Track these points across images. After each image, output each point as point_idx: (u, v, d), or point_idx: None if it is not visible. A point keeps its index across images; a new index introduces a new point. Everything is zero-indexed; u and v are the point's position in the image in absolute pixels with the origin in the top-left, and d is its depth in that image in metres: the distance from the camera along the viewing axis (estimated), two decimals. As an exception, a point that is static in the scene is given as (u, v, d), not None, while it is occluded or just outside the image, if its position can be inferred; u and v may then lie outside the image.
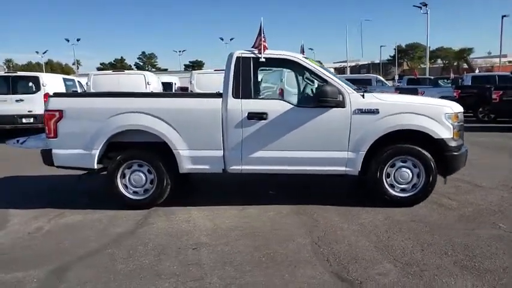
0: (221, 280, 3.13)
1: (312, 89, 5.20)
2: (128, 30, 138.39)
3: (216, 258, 3.53)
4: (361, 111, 4.65)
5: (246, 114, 4.70)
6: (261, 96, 5.07)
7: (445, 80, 19.93)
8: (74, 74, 43.72)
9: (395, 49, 63.59)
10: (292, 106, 4.72)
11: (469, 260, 3.36)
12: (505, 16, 37.59)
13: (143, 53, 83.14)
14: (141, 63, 79.11)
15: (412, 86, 19.16)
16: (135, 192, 4.97)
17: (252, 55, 4.86)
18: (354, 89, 4.80)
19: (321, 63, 5.39)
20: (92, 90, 12.08)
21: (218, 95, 4.93)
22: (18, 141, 5.43)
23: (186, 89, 22.46)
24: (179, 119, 4.77)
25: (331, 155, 4.74)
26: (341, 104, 4.63)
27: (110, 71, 13.80)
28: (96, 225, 4.46)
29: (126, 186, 4.96)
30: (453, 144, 4.71)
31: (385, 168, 4.73)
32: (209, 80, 12.30)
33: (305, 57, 5.02)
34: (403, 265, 3.30)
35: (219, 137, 4.78)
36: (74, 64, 67.66)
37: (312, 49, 51.94)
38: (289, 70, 5.55)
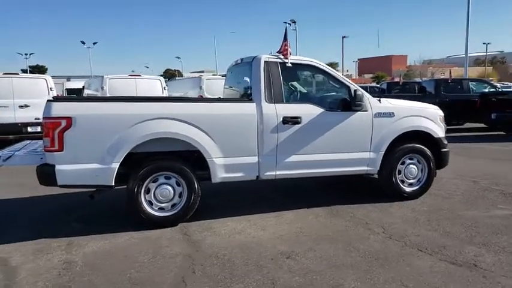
0: (362, 283, 3.12)
1: (331, 94, 5.36)
2: None
3: (327, 263, 3.46)
4: (380, 115, 5.06)
5: (281, 119, 4.66)
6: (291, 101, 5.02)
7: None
8: None
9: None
10: (322, 110, 4.85)
11: (519, 235, 4.02)
12: (345, 37, 43.46)
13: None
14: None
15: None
16: (160, 209, 4.44)
17: (279, 60, 4.85)
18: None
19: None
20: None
21: (248, 99, 4.75)
22: (-1, 157, 4.24)
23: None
24: (214, 125, 4.46)
25: (357, 156, 5.03)
26: (365, 108, 4.97)
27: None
28: (140, 249, 3.86)
29: (150, 203, 4.40)
30: (445, 142, 5.49)
31: (397, 165, 5.24)
32: (124, 85, 11.38)
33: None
34: (483, 245, 3.77)
35: (254, 142, 4.63)
36: None
37: (179, 57, 51.65)
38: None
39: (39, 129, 10.72)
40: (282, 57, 4.87)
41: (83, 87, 14.60)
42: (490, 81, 16.62)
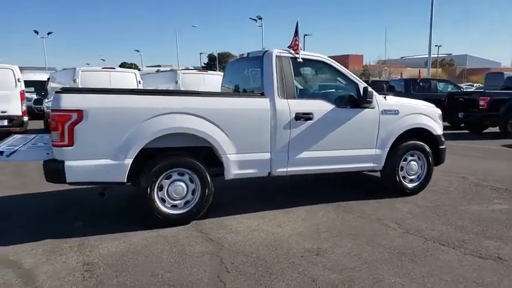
0: (401, 278, 3.15)
1: (340, 90, 5.34)
2: None
3: (359, 260, 3.46)
4: (386, 112, 5.14)
5: (294, 115, 4.62)
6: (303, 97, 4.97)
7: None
8: None
9: (208, 57, 66.96)
10: (333, 106, 4.86)
11: (528, 228, 4.23)
12: (306, 35, 43.99)
13: None
14: None
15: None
16: (173, 206, 4.28)
17: (290, 55, 4.80)
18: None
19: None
20: None
21: (260, 94, 4.66)
22: (1, 153, 3.86)
23: None
24: (229, 120, 4.35)
25: (364, 152, 5.09)
26: (372, 105, 5.03)
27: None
28: (161, 249, 3.70)
29: (163, 200, 4.23)
30: (443, 139, 5.68)
31: (400, 162, 5.35)
32: (97, 77, 10.91)
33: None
34: (499, 239, 3.91)
35: (267, 138, 4.56)
36: None
37: (138, 51, 50.65)
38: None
39: (5, 123, 10.10)
40: (293, 52, 4.83)
41: (48, 79, 13.83)
42: (454, 82, 17.45)
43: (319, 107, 4.79)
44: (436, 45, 59.80)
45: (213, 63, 71.14)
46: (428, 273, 3.21)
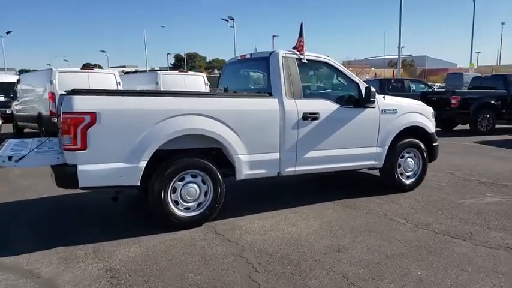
0: (426, 270, 3.27)
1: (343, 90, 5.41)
2: None
3: (380, 254, 3.55)
4: (386, 111, 5.30)
5: (301, 115, 4.69)
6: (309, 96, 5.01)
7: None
8: None
9: (175, 57, 66.23)
10: (338, 106, 4.96)
11: (525, 219, 4.48)
12: (275, 36, 44.36)
13: None
14: None
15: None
16: (186, 209, 4.24)
17: (295, 55, 4.87)
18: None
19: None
20: None
21: (268, 95, 4.69)
22: (10, 158, 3.67)
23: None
24: (240, 121, 4.36)
25: (366, 150, 5.22)
26: (373, 104, 5.17)
27: None
28: (182, 252, 3.66)
29: (176, 203, 4.18)
30: (436, 136, 5.91)
31: (398, 159, 5.53)
32: (75, 78, 10.56)
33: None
34: (502, 230, 4.13)
35: (277, 138, 4.60)
36: None
37: (104, 51, 49.43)
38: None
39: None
40: (298, 53, 4.89)
41: (18, 81, 13.27)
42: (426, 82, 18.11)
43: (325, 107, 4.87)
44: (403, 46, 61.87)
45: (180, 63, 70.43)
46: (449, 265, 3.35)
